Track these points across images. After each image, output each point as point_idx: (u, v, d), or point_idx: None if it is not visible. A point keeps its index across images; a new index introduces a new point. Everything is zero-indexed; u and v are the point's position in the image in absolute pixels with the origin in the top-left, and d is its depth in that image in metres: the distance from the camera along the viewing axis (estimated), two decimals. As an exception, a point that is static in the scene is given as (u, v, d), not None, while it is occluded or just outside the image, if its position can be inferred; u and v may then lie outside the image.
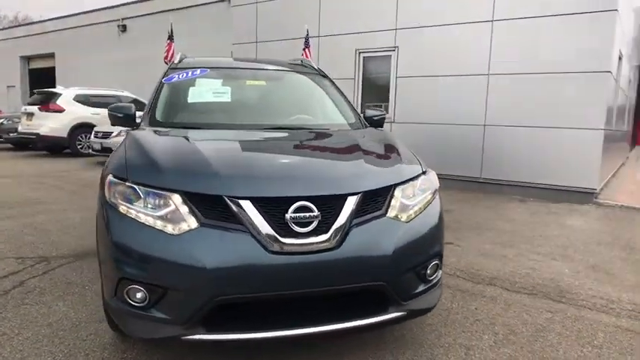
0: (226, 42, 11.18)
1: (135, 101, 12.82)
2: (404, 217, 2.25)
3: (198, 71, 3.57)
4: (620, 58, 7.55)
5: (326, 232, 2.05)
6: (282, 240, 1.99)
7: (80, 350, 2.46)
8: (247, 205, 2.01)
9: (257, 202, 2.02)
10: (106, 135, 9.83)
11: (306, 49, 5.13)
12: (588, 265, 4.01)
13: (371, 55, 8.26)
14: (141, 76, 16.50)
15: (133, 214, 2.07)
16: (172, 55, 4.65)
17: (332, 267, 2.04)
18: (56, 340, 2.57)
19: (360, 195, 2.16)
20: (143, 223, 2.04)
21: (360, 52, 8.35)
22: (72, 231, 4.71)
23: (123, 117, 3.19)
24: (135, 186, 2.12)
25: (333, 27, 8.47)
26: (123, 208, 2.11)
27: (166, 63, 4.48)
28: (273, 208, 2.03)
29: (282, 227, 2.01)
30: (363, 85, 8.38)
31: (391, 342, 2.59)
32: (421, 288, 2.30)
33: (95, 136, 9.93)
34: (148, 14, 16.97)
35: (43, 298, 3.09)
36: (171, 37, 4.86)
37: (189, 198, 2.04)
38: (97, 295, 3.15)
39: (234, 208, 2.00)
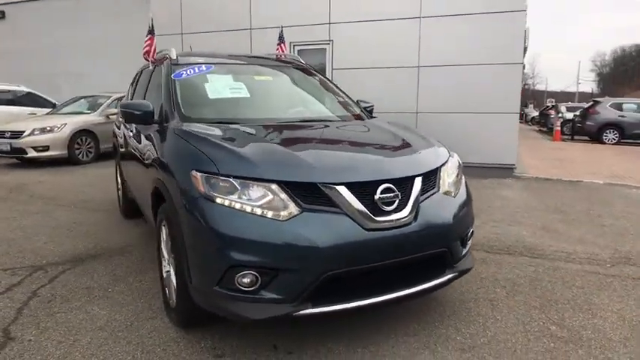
0: (140, 32, 10.68)
1: (29, 94, 11.63)
2: (452, 192, 2.66)
3: (204, 67, 3.60)
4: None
5: (404, 208, 2.37)
6: (375, 218, 2.27)
7: (153, 346, 2.50)
8: (343, 190, 2.25)
9: (351, 187, 2.27)
10: (16, 135, 8.87)
11: (282, 45, 5.25)
12: (538, 227, 4.81)
13: (306, 47, 8.55)
14: (28, 68, 14.95)
15: (232, 204, 2.19)
16: (155, 50, 4.48)
17: (411, 238, 2.36)
18: (122, 340, 2.56)
19: (422, 175, 2.51)
20: (246, 212, 2.17)
21: (294, 45, 8.59)
22: (38, 237, 4.38)
23: (142, 114, 3.15)
24: (230, 178, 2.24)
25: (266, 20, 8.58)
26: (220, 200, 2.21)
27: (146, 59, 4.30)
28: (364, 191, 2.29)
29: (373, 207, 2.28)
30: (300, 77, 8.66)
31: (430, 304, 3.00)
32: (464, 252, 2.73)
33: (2, 137, 8.88)
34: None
35: (71, 305, 2.98)
36: (152, 32, 4.63)
37: (286, 187, 2.22)
38: (128, 296, 3.12)
39: (330, 193, 2.23)
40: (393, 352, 2.45)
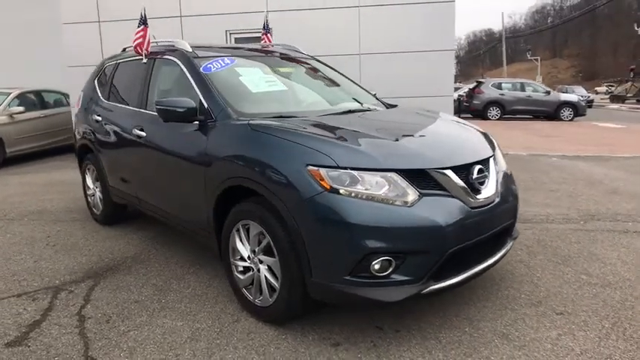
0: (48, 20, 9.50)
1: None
2: (508, 169, 3.00)
3: (228, 60, 3.48)
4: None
5: (491, 186, 2.65)
6: (477, 197, 2.51)
7: (263, 346, 2.48)
8: (450, 174, 2.44)
9: (455, 170, 2.47)
10: None
11: (267, 34, 5.09)
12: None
13: (243, 36, 8.36)
14: None
15: (359, 195, 2.26)
16: (149, 42, 4.01)
17: (497, 212, 2.65)
18: (227, 347, 2.49)
19: (493, 155, 2.81)
20: (374, 201, 2.26)
21: (230, 33, 8.35)
22: (21, 256, 3.86)
23: (185, 111, 2.98)
24: (350, 170, 2.30)
25: (199, 6, 8.20)
26: (345, 192, 2.27)
27: (138, 52, 3.87)
28: (463, 173, 2.51)
29: (471, 187, 2.52)
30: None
31: (495, 274, 3.34)
32: (513, 222, 3.11)
33: None
34: None
35: (136, 321, 2.77)
36: (144, 22, 4.11)
37: (404, 175, 2.35)
38: (189, 304, 2.98)
39: (439, 178, 2.41)
40: (482, 316, 2.73)
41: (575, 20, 79.77)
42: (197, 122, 3.06)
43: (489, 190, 2.63)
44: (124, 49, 4.63)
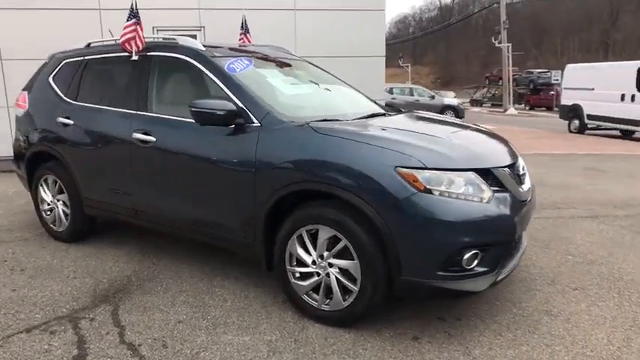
0: None
1: None
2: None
3: (246, 60, 3.35)
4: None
5: (527, 183, 2.98)
6: (524, 193, 2.81)
7: (348, 349, 2.49)
8: (508, 172, 2.71)
9: (509, 169, 2.74)
10: None
11: (247, 34, 4.80)
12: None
13: (173, 34, 7.83)
14: None
15: (449, 194, 2.41)
16: (142, 38, 3.46)
17: (531, 206, 2.99)
18: (316, 354, 2.45)
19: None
20: (462, 199, 2.42)
21: (158, 30, 7.78)
22: (10, 280, 3.27)
23: (226, 114, 2.85)
24: (437, 171, 2.43)
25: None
26: (437, 192, 2.39)
27: (127, 50, 3.38)
28: (513, 172, 2.79)
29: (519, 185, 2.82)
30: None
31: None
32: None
33: None
34: None
35: (199, 340, 2.57)
36: (136, 16, 3.51)
37: (479, 174, 2.54)
38: (239, 318, 2.84)
39: (500, 175, 2.65)
40: (519, 298, 3.06)
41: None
42: (233, 126, 2.92)
43: (527, 185, 2.95)
44: (89, 45, 4.13)
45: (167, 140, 3.23)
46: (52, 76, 4.17)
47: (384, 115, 3.53)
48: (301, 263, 2.77)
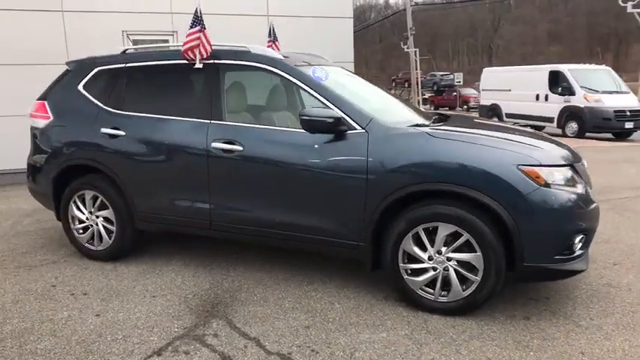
0: None
1: None
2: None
3: (324, 69, 3.44)
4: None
5: (582, 177, 3.45)
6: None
7: (480, 332, 2.74)
8: (583, 166, 3.13)
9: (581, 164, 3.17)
10: None
11: (275, 42, 4.67)
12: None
13: (143, 38, 7.43)
14: None
15: (560, 186, 2.76)
16: (207, 46, 3.17)
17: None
18: (460, 345, 2.66)
19: None
20: (572, 192, 2.79)
21: (128, 34, 7.34)
22: (82, 306, 3.00)
23: (335, 121, 2.96)
24: (551, 167, 2.77)
25: (87, 1, 6.96)
26: (554, 185, 2.73)
27: (191, 58, 3.15)
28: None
29: None
30: (138, 70, 7.47)
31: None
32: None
33: None
34: None
35: (342, 341, 2.65)
36: (200, 22, 3.18)
37: (572, 169, 2.92)
38: (365, 315, 2.96)
39: (580, 169, 3.06)
40: (580, 276, 3.51)
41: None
42: (334, 133, 3.02)
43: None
44: (125, 51, 3.90)
45: (257, 149, 3.22)
46: (82, 84, 3.86)
47: (445, 120, 3.78)
48: (414, 260, 2.95)
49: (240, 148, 3.24)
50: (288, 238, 3.29)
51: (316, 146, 3.07)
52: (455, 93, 34.83)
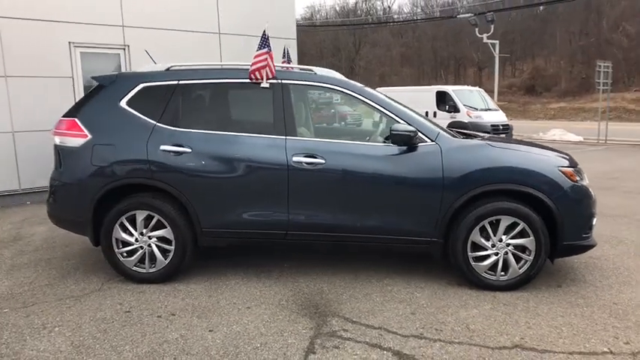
0: None
1: None
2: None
3: (359, 85, 3.93)
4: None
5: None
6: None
7: (538, 303, 3.45)
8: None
9: (578, 165, 4.13)
10: None
11: (289, 64, 4.72)
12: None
13: (92, 51, 6.90)
14: None
15: (585, 183, 3.64)
16: (273, 68, 3.08)
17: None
18: (528, 308, 3.33)
19: None
20: (587, 185, 3.69)
21: (75, 46, 6.74)
22: (183, 326, 2.98)
23: (413, 135, 3.49)
24: (574, 168, 3.66)
25: (29, 7, 6.27)
26: (582, 182, 3.60)
27: (257, 79, 3.16)
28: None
29: None
30: (85, 85, 6.88)
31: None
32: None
33: None
34: None
35: (449, 335, 3.12)
36: (268, 44, 3.04)
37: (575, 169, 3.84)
38: (450, 299, 3.46)
39: (581, 170, 3.99)
40: (599, 256, 4.48)
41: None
42: (408, 145, 3.53)
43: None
44: (169, 69, 3.88)
45: (338, 161, 3.55)
46: (125, 100, 3.74)
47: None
48: (479, 248, 3.57)
49: (323, 161, 3.54)
50: (369, 240, 3.66)
51: (393, 157, 3.54)
52: (332, 110, 36.92)
